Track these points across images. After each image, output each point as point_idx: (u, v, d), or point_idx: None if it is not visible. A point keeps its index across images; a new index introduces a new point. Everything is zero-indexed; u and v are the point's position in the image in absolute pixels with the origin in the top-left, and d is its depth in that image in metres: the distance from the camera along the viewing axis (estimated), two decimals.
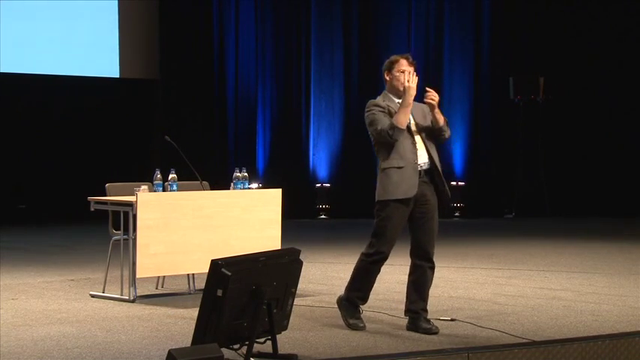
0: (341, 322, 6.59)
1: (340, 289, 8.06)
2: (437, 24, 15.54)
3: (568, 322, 6.63)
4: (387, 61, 6.55)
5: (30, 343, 5.99)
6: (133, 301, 7.44)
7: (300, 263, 5.74)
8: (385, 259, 6.36)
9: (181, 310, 7.07)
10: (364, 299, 6.49)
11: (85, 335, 6.24)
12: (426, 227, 6.38)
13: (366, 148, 15.20)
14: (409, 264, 6.46)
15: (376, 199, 6.30)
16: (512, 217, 15.19)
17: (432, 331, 6.23)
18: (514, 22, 15.38)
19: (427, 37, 15.58)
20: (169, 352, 4.86)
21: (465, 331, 6.34)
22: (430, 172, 6.39)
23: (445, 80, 15.52)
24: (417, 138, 6.33)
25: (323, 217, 15.13)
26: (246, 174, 8.02)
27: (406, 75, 6.34)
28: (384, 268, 9.30)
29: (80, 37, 14.39)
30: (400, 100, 6.33)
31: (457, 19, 15.48)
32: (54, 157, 14.34)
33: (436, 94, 6.36)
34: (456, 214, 15.26)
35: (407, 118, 6.24)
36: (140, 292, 7.70)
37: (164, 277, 8.07)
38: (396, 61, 6.45)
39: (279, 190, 8.18)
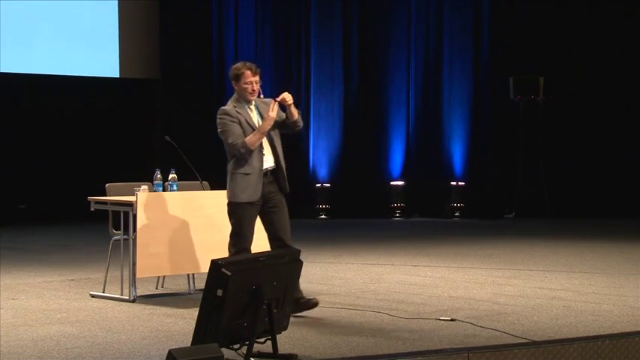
0: (341, 322, 6.60)
1: (340, 289, 8.09)
2: (437, 24, 15.53)
3: (568, 322, 6.63)
4: (233, 72, 7.05)
5: (30, 343, 5.99)
6: (133, 301, 7.44)
7: (300, 263, 5.75)
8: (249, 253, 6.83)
9: (181, 310, 7.07)
10: None
11: (85, 335, 6.24)
12: (276, 219, 6.90)
13: (365, 148, 15.38)
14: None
15: (227, 201, 6.88)
16: (512, 217, 15.19)
17: (312, 302, 6.80)
18: (514, 22, 15.37)
19: (427, 37, 15.58)
20: (169, 352, 4.86)
21: (465, 331, 6.34)
22: (275, 171, 6.97)
23: (445, 80, 15.52)
24: (266, 144, 6.90)
25: (323, 217, 15.13)
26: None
27: (253, 85, 6.91)
28: (384, 269, 9.34)
29: (80, 37, 14.40)
30: (249, 106, 6.94)
31: (457, 19, 15.47)
32: (54, 157, 14.34)
33: (290, 96, 6.84)
34: (456, 214, 15.26)
35: (259, 142, 6.81)
36: (140, 292, 7.70)
37: (164, 277, 8.07)
38: (242, 74, 6.96)
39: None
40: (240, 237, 6.82)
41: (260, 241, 7.62)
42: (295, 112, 6.93)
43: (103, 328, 6.49)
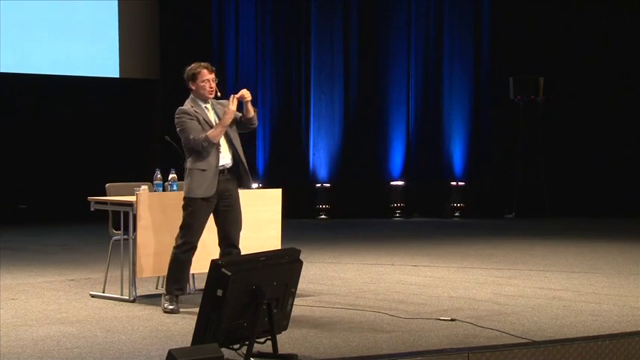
0: (341, 322, 6.62)
1: (340, 289, 8.09)
2: (437, 24, 15.54)
3: (568, 322, 6.63)
4: (188, 72, 7.11)
5: (30, 343, 5.99)
6: (133, 301, 7.44)
7: (300, 263, 5.75)
8: (194, 249, 7.05)
9: (181, 310, 7.07)
10: (182, 289, 7.16)
11: (85, 335, 6.24)
12: (229, 218, 7.06)
13: (365, 148, 15.38)
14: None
15: (184, 195, 7.03)
16: (512, 217, 15.19)
17: None
18: (514, 22, 15.37)
19: (427, 37, 15.58)
20: (169, 352, 4.86)
21: (465, 331, 6.34)
22: (234, 168, 7.08)
23: (445, 80, 15.52)
24: (223, 141, 7.02)
25: (323, 217, 15.12)
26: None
27: (210, 83, 7.04)
28: (384, 269, 9.34)
29: (80, 37, 14.39)
30: (206, 105, 7.07)
31: (457, 19, 15.48)
32: (54, 157, 14.33)
33: (248, 92, 7.02)
34: (456, 214, 15.26)
35: (221, 135, 6.96)
36: (140, 292, 7.70)
37: (164, 277, 8.06)
38: (199, 72, 7.06)
39: (279, 190, 8.18)
40: (188, 230, 6.98)
41: (255, 241, 7.64)
42: (252, 110, 7.07)
43: (103, 328, 6.49)
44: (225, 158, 7.04)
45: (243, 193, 7.95)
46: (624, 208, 14.82)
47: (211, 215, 7.09)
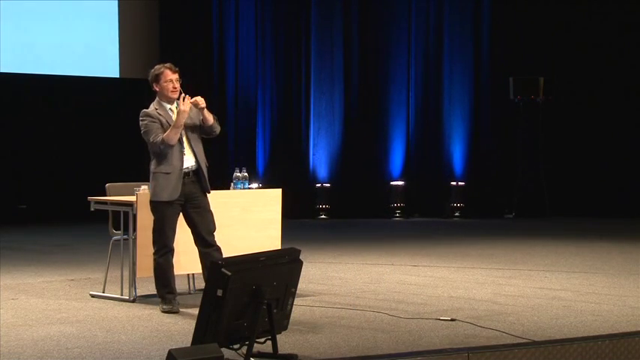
0: (341, 322, 6.62)
1: (340, 289, 8.09)
2: (437, 24, 15.54)
3: (568, 322, 6.63)
4: (152, 74, 7.17)
5: (30, 343, 5.99)
6: (133, 301, 7.44)
7: (300, 263, 5.74)
8: (171, 251, 7.06)
9: (181, 310, 7.07)
10: (173, 292, 7.10)
11: (85, 335, 6.24)
12: (200, 219, 7.07)
13: (365, 148, 15.38)
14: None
15: (149, 199, 7.08)
16: (512, 217, 15.19)
17: None
18: (514, 22, 15.37)
19: (427, 37, 15.58)
20: (169, 352, 4.86)
21: (465, 331, 6.34)
22: (197, 172, 7.08)
23: (445, 80, 15.52)
24: (185, 144, 7.04)
25: (323, 217, 15.12)
26: (246, 174, 8.04)
27: (174, 83, 7.04)
28: (384, 269, 9.34)
29: (80, 37, 14.39)
30: (171, 107, 7.09)
31: (457, 19, 15.48)
32: (54, 157, 14.33)
33: (203, 100, 7.00)
34: (456, 214, 15.26)
35: (177, 137, 6.95)
36: (140, 292, 7.70)
37: None
38: (161, 73, 7.09)
39: (279, 190, 8.18)
40: (160, 234, 7.00)
41: (255, 241, 7.64)
42: (210, 117, 7.05)
43: (103, 328, 6.49)
44: (189, 160, 7.05)
45: (243, 194, 7.97)
46: (624, 208, 14.82)
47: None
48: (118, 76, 14.78)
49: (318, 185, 15.23)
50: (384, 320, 6.71)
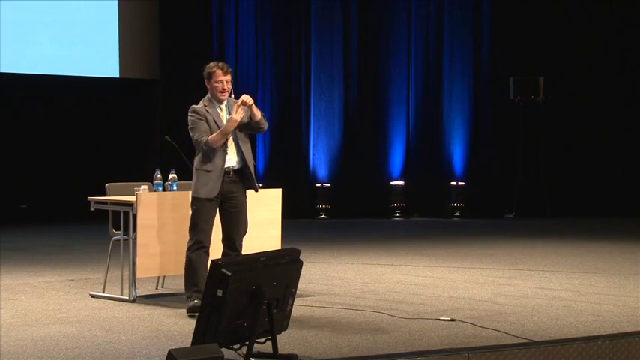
0: (341, 322, 6.63)
1: (340, 289, 8.09)
2: (437, 24, 15.54)
3: (568, 322, 6.63)
4: (205, 70, 7.17)
5: (30, 343, 5.99)
6: (133, 301, 7.44)
7: (300, 263, 5.75)
8: (203, 248, 6.98)
9: (181, 310, 7.06)
10: (200, 291, 6.66)
11: (85, 335, 6.24)
12: (232, 220, 7.08)
13: (366, 148, 15.38)
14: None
15: (191, 195, 7.09)
16: (512, 217, 15.19)
17: None
18: (514, 22, 15.37)
19: (427, 37, 15.58)
20: (169, 352, 4.86)
21: (465, 331, 6.34)
22: (240, 171, 7.08)
23: (445, 80, 15.52)
24: (231, 143, 7.03)
25: (323, 217, 15.12)
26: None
27: (224, 84, 7.03)
28: (384, 269, 9.34)
29: (80, 37, 14.39)
30: (220, 105, 7.09)
31: (457, 19, 15.48)
32: (54, 157, 14.33)
33: (250, 97, 6.97)
34: (456, 214, 15.26)
35: (222, 142, 6.94)
36: (140, 292, 7.70)
37: (164, 277, 8.07)
38: (213, 72, 7.08)
39: (279, 190, 8.19)
40: (195, 230, 6.98)
41: (255, 241, 7.64)
42: (258, 113, 7.05)
43: (103, 328, 6.49)
44: (231, 160, 7.02)
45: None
46: (624, 208, 14.82)
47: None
48: (118, 76, 14.78)
49: (318, 185, 15.23)
50: (384, 320, 6.71)
